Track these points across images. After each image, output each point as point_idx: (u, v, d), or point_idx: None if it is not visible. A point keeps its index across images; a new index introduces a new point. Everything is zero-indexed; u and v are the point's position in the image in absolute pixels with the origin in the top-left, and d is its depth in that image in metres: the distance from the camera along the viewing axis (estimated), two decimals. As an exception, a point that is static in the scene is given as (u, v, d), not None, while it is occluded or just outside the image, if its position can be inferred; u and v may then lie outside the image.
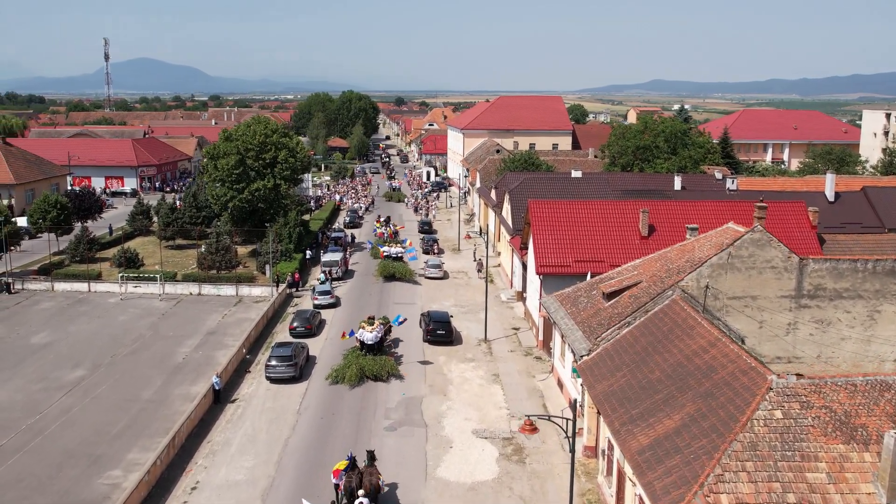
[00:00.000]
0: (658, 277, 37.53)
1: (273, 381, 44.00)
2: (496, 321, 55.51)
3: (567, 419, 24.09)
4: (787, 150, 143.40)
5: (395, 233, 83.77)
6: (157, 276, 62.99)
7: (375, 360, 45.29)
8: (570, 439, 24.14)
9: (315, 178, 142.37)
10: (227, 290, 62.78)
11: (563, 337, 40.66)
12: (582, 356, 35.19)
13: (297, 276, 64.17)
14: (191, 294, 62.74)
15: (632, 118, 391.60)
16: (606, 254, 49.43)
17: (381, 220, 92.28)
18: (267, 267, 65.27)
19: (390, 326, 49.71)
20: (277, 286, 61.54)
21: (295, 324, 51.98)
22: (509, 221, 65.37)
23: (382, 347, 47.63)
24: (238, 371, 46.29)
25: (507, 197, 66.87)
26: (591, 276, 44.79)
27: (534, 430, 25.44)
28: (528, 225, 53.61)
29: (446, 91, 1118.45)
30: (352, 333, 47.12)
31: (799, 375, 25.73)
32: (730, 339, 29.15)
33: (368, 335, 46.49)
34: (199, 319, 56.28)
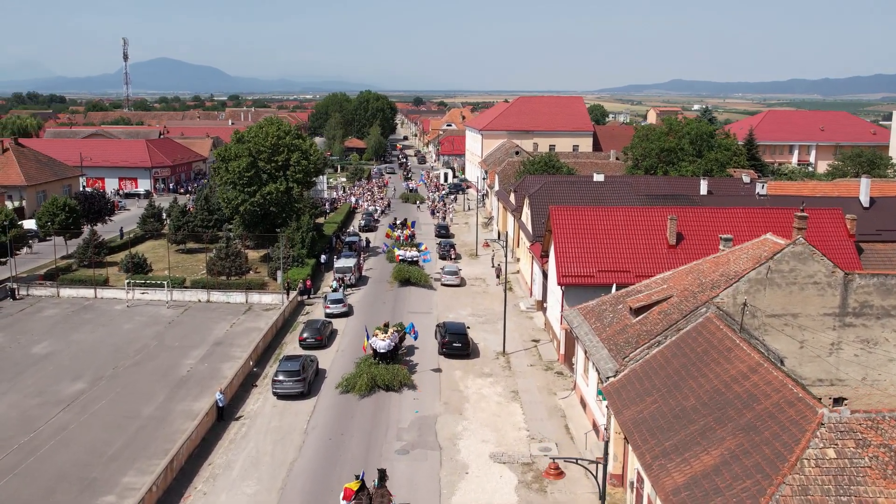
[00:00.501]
0: (690, 292, 34.98)
1: (280, 397, 41.83)
2: (515, 332, 53.09)
3: (597, 461, 21.59)
4: (813, 152, 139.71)
5: (411, 235, 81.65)
6: (165, 282, 61.03)
7: (388, 369, 43.68)
8: (601, 488, 21.63)
9: (331, 180, 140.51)
10: (237, 297, 60.76)
11: (586, 353, 38.22)
12: (608, 377, 32.71)
13: (308, 282, 62.03)
14: (199, 301, 60.78)
15: (651, 118, 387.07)
16: (632, 263, 46.88)
17: (398, 222, 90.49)
18: (278, 273, 63.20)
19: (404, 334, 48.34)
20: (288, 294, 59.43)
21: (305, 335, 49.82)
22: (529, 227, 62.90)
23: (396, 355, 46.02)
24: (244, 385, 44.20)
25: (526, 201, 64.41)
26: (617, 288, 42.27)
27: (560, 474, 22.89)
28: (550, 232, 51.14)
29: (464, 91, 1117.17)
30: (368, 337, 45.93)
31: (838, 400, 23.22)
32: (773, 364, 26.61)
33: (381, 343, 44.85)
34: (206, 328, 54.27)
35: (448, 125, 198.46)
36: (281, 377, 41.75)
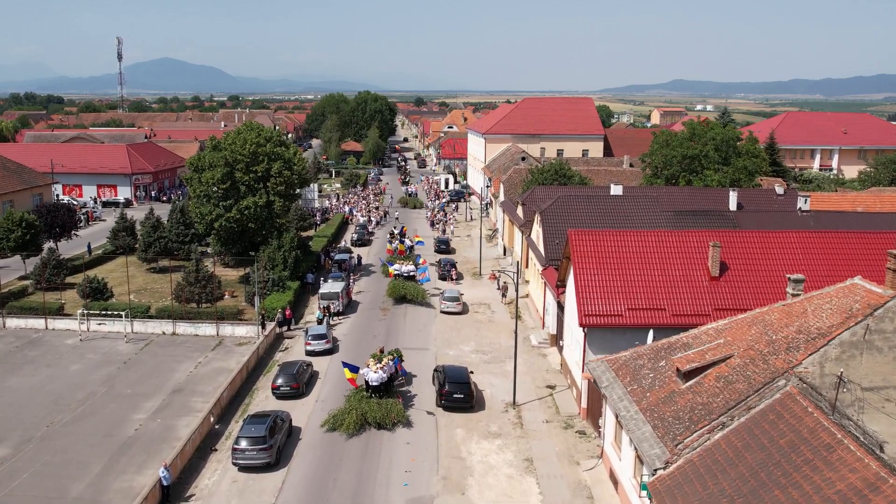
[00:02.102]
0: (757, 352, 27.31)
1: (242, 468, 34.15)
2: (526, 374, 45.41)
3: None
4: (836, 157, 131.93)
5: (410, 248, 74.69)
6: (125, 311, 53.32)
7: (380, 404, 39.02)
8: None
9: (326, 186, 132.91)
10: (207, 328, 53.11)
11: (617, 418, 30.56)
12: (656, 469, 25.04)
13: (288, 312, 54.32)
14: (163, 333, 53.14)
15: (655, 119, 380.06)
16: (668, 299, 39.19)
17: (396, 232, 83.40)
18: (256, 299, 55.60)
19: (400, 364, 43.76)
20: (264, 327, 51.75)
21: (279, 381, 42.15)
22: (540, 247, 55.24)
23: (391, 388, 41.12)
24: (202, 448, 36.59)
25: (537, 218, 56.72)
26: (655, 336, 34.67)
27: None
28: (568, 259, 43.46)
29: (465, 91, 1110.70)
30: (354, 369, 40.88)
31: None
32: (901, 479, 18.92)
33: (373, 375, 39.85)
34: (166, 369, 46.59)
35: (449, 127, 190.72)
36: (243, 444, 34.08)
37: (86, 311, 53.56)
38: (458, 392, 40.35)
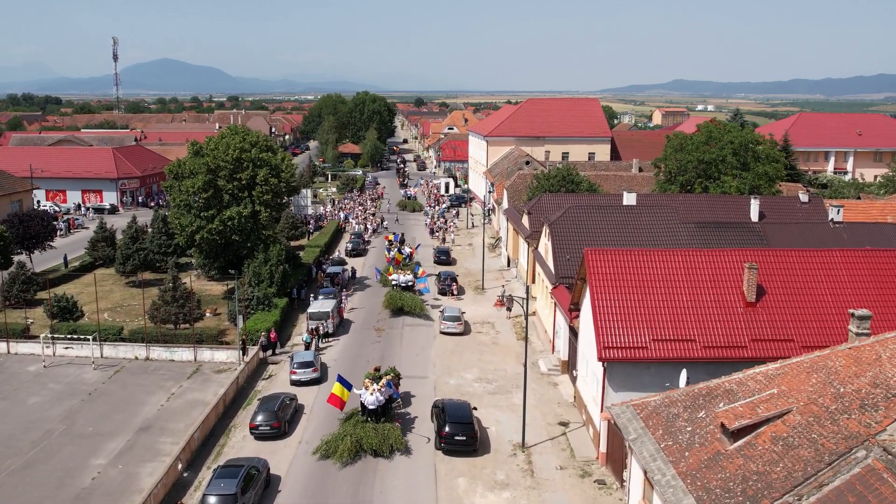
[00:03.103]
0: (822, 408, 22.56)
1: (209, 531, 29.45)
2: (536, 408, 40.71)
3: None
4: (850, 159, 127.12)
5: (408, 256, 70.36)
6: (93, 335, 48.56)
7: (377, 429, 36.00)
8: None
9: (321, 191, 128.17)
10: (184, 353, 48.41)
11: (648, 477, 25.86)
12: (705, 560, 20.30)
13: (273, 335, 49.55)
14: (136, 359, 48.45)
15: (657, 119, 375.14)
16: (699, 329, 34.51)
17: (395, 239, 78.89)
18: (238, 320, 50.87)
19: (398, 381, 40.77)
20: (245, 353, 47.01)
21: (258, 419, 37.40)
22: (549, 263, 50.53)
23: (388, 411, 37.88)
24: (168, 500, 31.89)
25: (546, 231, 52.02)
26: (688, 379, 30.00)
27: None
28: (583, 281, 38.79)
29: (465, 91, 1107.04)
30: (348, 386, 37.13)
31: None
32: None
33: (370, 398, 36.79)
34: (135, 402, 41.89)
35: (449, 128, 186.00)
36: (212, 501, 29.35)
37: (51, 335, 48.82)
38: (460, 434, 35.62)
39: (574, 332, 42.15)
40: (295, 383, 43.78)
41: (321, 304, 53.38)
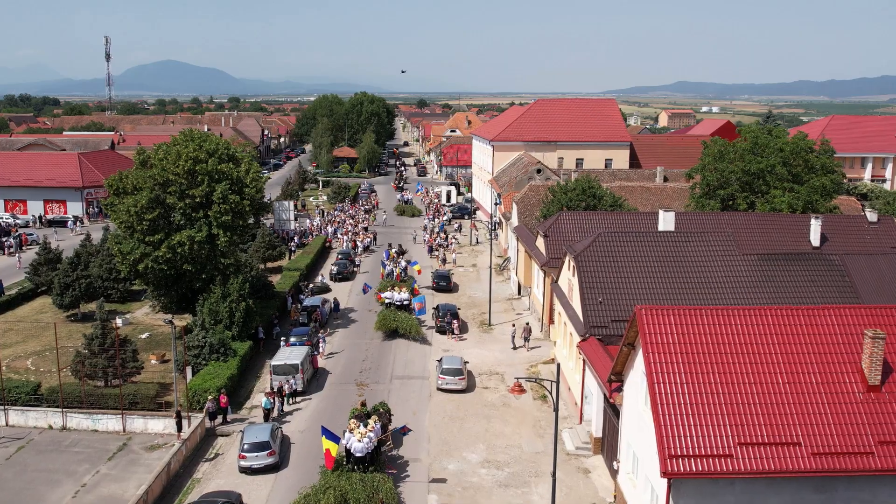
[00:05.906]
0: None
1: None
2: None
3: None
4: (890, 165, 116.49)
5: (404, 269, 63.52)
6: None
7: (365, 480, 30.84)
8: None
9: (312, 199, 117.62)
10: (109, 422, 37.96)
11: None
12: None
13: (224, 399, 38.97)
14: (49, 428, 38.06)
15: (663, 121, 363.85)
16: (803, 426, 24.01)
17: (394, 250, 71.51)
18: (187, 370, 40.40)
19: (388, 420, 36.09)
20: (180, 429, 36.41)
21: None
22: (576, 307, 39.94)
23: (377, 458, 32.87)
24: None
25: (570, 264, 41.39)
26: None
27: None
28: (631, 347, 28.31)
29: (468, 93, 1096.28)
30: (335, 439, 31.81)
31: None
32: None
33: (357, 445, 31.87)
34: (29, 500, 31.44)
35: (452, 131, 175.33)
36: None
37: (-62, 399, 38.45)
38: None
39: (615, 410, 31.65)
40: (245, 470, 33.31)
41: (289, 355, 42.74)
